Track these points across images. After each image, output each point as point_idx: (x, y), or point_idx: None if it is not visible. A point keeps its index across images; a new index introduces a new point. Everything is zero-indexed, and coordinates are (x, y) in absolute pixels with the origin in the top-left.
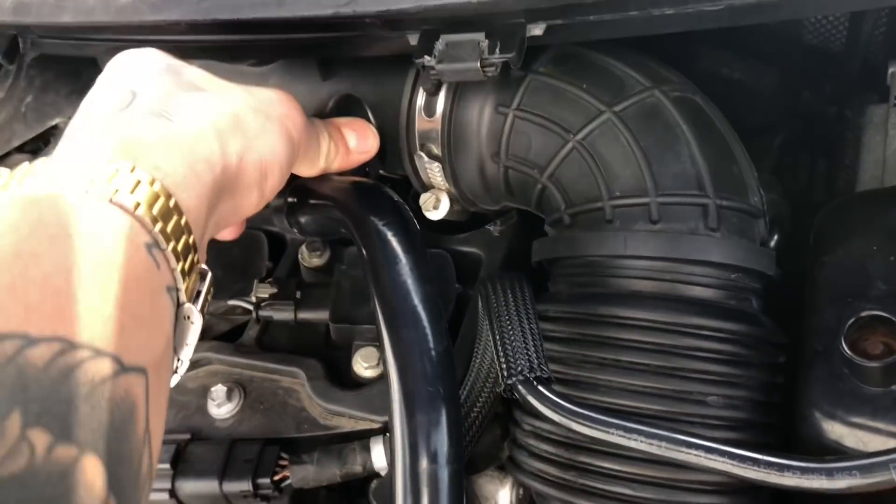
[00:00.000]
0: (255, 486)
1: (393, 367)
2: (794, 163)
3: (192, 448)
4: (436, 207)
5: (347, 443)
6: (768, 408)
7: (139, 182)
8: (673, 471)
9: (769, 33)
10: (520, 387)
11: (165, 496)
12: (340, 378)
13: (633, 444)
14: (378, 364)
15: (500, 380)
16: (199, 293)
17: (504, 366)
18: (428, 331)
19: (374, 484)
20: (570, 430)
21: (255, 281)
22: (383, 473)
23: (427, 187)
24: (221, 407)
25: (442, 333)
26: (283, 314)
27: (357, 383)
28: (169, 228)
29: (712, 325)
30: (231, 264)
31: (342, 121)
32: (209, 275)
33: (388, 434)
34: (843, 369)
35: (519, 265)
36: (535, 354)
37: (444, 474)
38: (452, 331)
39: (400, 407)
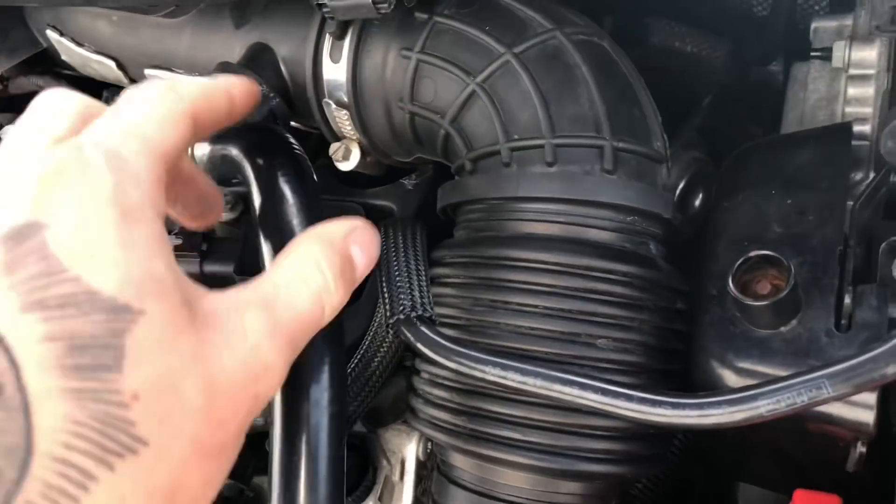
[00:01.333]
0: None
1: None
2: (738, 133)
3: None
4: (346, 158)
5: None
6: (664, 354)
7: None
8: (562, 414)
9: (719, 5)
10: (401, 326)
11: None
12: None
13: (508, 382)
14: None
15: (385, 319)
16: None
17: (388, 305)
18: None
19: None
20: (449, 369)
21: None
22: None
23: (338, 137)
24: None
25: None
26: (188, 267)
27: None
28: None
29: (603, 266)
30: None
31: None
32: None
33: None
34: (734, 312)
35: (432, 219)
36: (419, 294)
37: (322, 418)
38: (360, 286)
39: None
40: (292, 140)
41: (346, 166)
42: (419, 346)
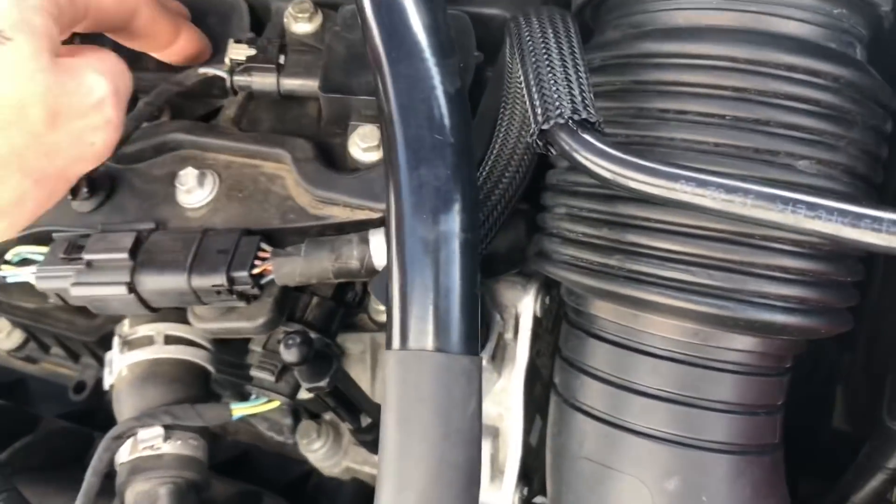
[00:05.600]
0: (231, 281)
1: (393, 107)
2: None
3: (155, 237)
4: None
5: (342, 235)
6: (869, 185)
7: None
8: (744, 252)
9: None
10: (559, 133)
11: (124, 290)
12: (334, 164)
13: (706, 202)
14: (379, 146)
15: (533, 126)
16: None
17: (539, 109)
18: (434, 65)
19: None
20: (625, 188)
21: (230, 41)
22: None
23: None
24: (192, 194)
25: (453, 72)
26: (264, 79)
27: (354, 169)
28: None
29: (808, 65)
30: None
31: None
32: None
33: None
34: None
35: None
36: (579, 94)
37: (453, 242)
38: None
39: (401, 158)
40: None
41: None
42: (584, 158)
